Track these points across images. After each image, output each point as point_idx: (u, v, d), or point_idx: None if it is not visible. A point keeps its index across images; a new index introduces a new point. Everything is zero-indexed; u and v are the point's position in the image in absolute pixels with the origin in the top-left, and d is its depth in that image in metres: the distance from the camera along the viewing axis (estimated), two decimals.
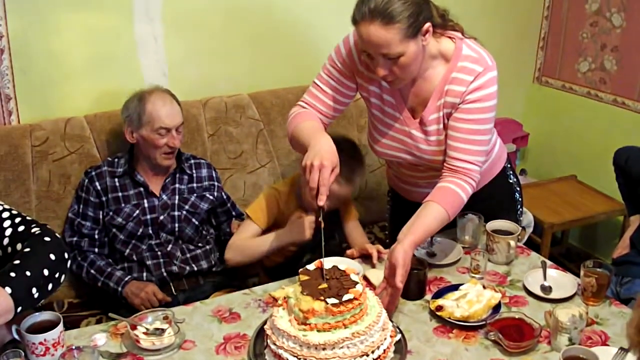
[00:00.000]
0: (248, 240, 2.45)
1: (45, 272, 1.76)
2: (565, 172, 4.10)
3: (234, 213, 2.90)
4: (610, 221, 3.85)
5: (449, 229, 2.46)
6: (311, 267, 1.85)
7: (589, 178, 3.96)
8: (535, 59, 4.24)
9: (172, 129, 2.57)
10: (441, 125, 2.21)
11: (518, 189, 2.61)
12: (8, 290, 1.65)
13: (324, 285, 1.74)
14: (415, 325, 1.97)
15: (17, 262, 1.73)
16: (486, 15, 3.88)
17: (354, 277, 1.79)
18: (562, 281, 2.15)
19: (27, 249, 1.78)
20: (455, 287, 2.09)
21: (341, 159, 2.00)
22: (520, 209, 2.64)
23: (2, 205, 1.91)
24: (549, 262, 2.26)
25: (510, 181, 2.58)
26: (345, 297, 1.68)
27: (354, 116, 3.34)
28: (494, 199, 2.50)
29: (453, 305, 1.97)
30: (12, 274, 1.69)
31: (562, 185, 3.99)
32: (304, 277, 1.79)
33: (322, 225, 1.92)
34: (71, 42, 2.87)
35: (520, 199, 2.62)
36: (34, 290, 1.72)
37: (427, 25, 2.00)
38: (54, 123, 2.80)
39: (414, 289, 2.10)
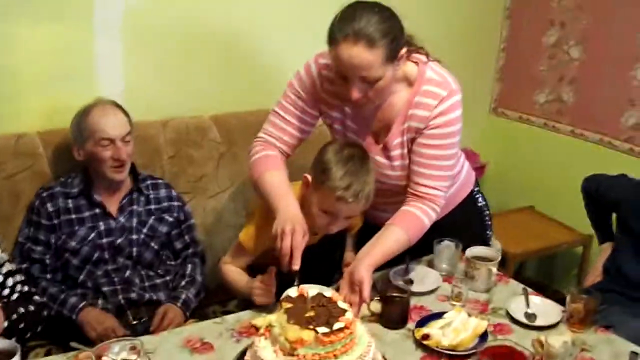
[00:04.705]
0: (233, 274, 2.23)
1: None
2: (523, 203, 4.09)
3: (187, 238, 2.70)
4: (570, 252, 3.85)
5: (425, 256, 2.40)
6: (293, 293, 1.74)
7: (547, 208, 3.96)
8: (492, 90, 4.26)
9: (116, 139, 2.42)
10: (405, 150, 2.17)
11: (487, 212, 2.59)
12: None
13: (311, 313, 1.63)
14: (402, 356, 1.88)
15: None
16: (442, 46, 3.84)
17: (341, 305, 1.68)
18: (545, 308, 2.12)
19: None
20: (438, 315, 2.02)
21: (349, 169, 2.01)
22: (490, 233, 2.62)
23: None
24: (529, 289, 2.22)
25: (479, 204, 2.55)
26: (336, 326, 1.58)
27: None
28: (463, 222, 2.46)
29: (439, 334, 1.90)
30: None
31: (520, 215, 3.98)
32: (287, 305, 1.68)
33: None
34: (26, 56, 2.71)
35: (489, 223, 2.60)
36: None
37: (404, 50, 1.99)
38: (4, 139, 2.62)
39: (397, 317, 2.02)
